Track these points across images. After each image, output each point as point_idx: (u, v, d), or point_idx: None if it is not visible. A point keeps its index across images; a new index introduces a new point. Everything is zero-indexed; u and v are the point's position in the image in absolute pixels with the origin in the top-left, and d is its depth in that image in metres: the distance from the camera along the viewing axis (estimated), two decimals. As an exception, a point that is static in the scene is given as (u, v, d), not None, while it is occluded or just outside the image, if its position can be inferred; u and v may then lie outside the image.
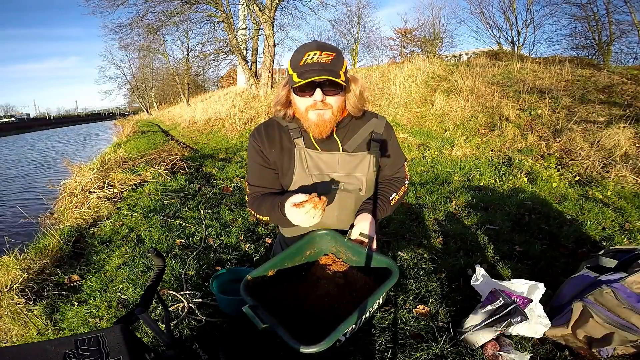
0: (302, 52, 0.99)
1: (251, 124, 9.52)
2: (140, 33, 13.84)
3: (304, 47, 1.00)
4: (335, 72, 0.97)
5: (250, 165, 1.20)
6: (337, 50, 1.01)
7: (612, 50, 11.78)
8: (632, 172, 3.83)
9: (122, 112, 54.17)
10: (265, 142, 1.15)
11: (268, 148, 1.15)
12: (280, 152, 1.15)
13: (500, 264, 2.22)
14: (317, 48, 0.98)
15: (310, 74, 0.95)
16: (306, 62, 0.97)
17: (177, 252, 2.48)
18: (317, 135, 1.09)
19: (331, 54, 0.98)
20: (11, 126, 40.32)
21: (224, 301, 1.70)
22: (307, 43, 1.02)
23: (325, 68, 0.96)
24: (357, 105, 1.11)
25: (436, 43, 20.29)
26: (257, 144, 1.16)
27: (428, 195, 3.63)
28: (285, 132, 1.16)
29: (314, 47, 0.98)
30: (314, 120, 1.05)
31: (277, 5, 11.30)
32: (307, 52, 0.97)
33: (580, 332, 1.41)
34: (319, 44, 1.00)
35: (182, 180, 4.53)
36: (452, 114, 6.80)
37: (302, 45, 1.03)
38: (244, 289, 0.97)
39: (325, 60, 0.97)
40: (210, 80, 34.04)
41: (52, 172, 9.61)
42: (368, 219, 1.10)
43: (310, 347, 0.78)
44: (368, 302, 0.88)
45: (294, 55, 1.02)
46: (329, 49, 0.99)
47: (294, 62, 1.00)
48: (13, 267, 2.46)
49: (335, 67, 0.98)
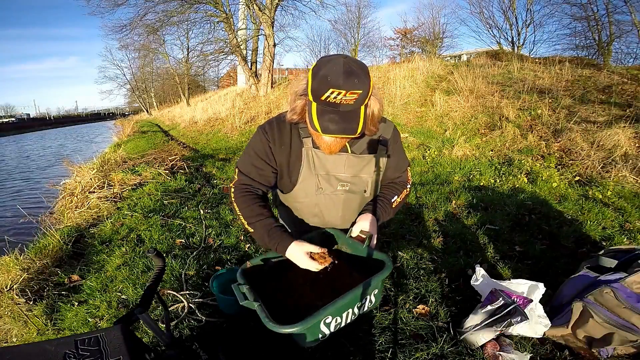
0: (326, 83, 0.88)
1: (251, 124, 9.52)
2: (140, 33, 13.82)
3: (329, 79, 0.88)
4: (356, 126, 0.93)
5: (251, 155, 1.17)
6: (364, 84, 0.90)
7: (612, 50, 11.78)
8: (632, 172, 3.83)
9: (122, 112, 54.20)
10: (276, 139, 1.13)
11: (277, 146, 1.14)
12: (289, 151, 1.14)
13: (500, 264, 2.22)
14: (344, 85, 0.87)
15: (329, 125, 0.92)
16: (328, 100, 0.90)
17: (177, 252, 2.48)
18: (326, 152, 1.09)
19: (356, 92, 0.89)
20: (11, 126, 40.29)
21: (224, 301, 1.70)
22: (333, 67, 0.89)
23: (346, 120, 0.92)
24: (371, 128, 1.08)
25: (436, 43, 20.30)
26: (267, 139, 1.14)
27: (428, 195, 3.63)
28: (295, 129, 1.14)
29: (341, 82, 0.87)
30: (326, 143, 1.05)
31: (277, 5, 11.30)
32: (331, 89, 0.88)
33: (580, 332, 1.41)
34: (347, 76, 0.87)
35: (182, 180, 4.53)
36: (452, 114, 6.80)
37: (328, 68, 0.89)
38: (241, 272, 0.97)
39: (349, 102, 0.90)
40: (210, 80, 34.08)
41: (54, 170, 9.61)
42: (369, 218, 1.12)
43: (286, 327, 0.76)
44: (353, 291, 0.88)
45: (317, 78, 0.90)
46: (356, 86, 0.89)
47: (315, 89, 0.91)
48: (13, 267, 2.46)
49: (357, 106, 0.93)
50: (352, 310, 0.91)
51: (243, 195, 1.15)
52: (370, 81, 0.94)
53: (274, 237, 1.06)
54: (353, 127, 0.94)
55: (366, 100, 0.95)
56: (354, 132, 0.94)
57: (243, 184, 1.17)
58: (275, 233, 1.07)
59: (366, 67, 0.95)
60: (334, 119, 0.92)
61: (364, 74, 0.92)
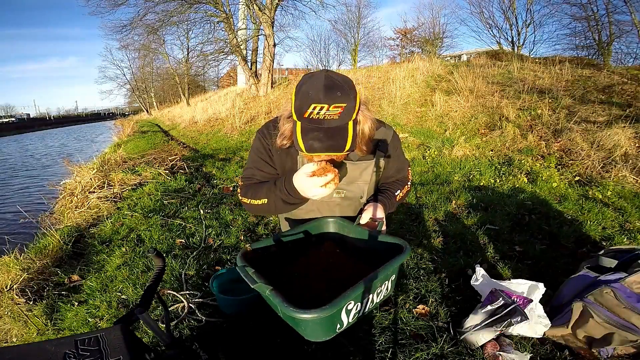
0: (308, 98, 0.86)
1: (251, 124, 9.52)
2: (140, 33, 13.86)
3: (311, 93, 0.86)
4: (343, 140, 0.88)
5: (253, 160, 1.18)
6: (347, 97, 0.87)
7: (612, 50, 11.77)
8: (632, 172, 3.83)
9: (122, 112, 54.21)
10: (273, 143, 1.13)
11: (274, 150, 1.14)
12: (285, 154, 1.14)
13: (500, 264, 2.22)
14: (325, 99, 0.84)
15: (313, 143, 0.87)
16: (311, 117, 0.86)
17: (177, 252, 2.48)
18: None
19: (340, 106, 0.85)
20: (11, 126, 40.30)
21: (224, 301, 1.70)
22: (314, 84, 0.87)
23: (332, 137, 0.87)
24: (362, 147, 1.04)
25: (436, 43, 20.30)
26: (266, 141, 1.14)
27: (428, 195, 3.63)
28: None
29: (322, 96, 0.84)
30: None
31: (277, 5, 11.30)
32: (313, 104, 0.85)
33: (580, 332, 1.41)
34: (327, 91, 0.85)
35: (182, 180, 4.53)
36: (452, 114, 6.80)
37: (309, 84, 0.88)
38: (241, 255, 0.93)
39: (333, 117, 0.86)
40: (210, 80, 34.05)
41: (55, 169, 9.62)
42: (377, 205, 1.11)
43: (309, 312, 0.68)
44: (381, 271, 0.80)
45: (298, 96, 0.88)
46: (339, 99, 0.85)
47: (298, 107, 0.88)
48: (13, 267, 2.46)
49: (344, 121, 0.88)
50: (371, 296, 0.86)
51: (248, 189, 1.16)
52: (357, 95, 0.90)
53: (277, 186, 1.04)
54: (340, 144, 0.88)
55: (354, 115, 0.90)
56: (340, 149, 0.88)
57: (245, 185, 1.19)
58: (276, 183, 1.06)
59: (351, 81, 0.91)
60: (318, 137, 0.87)
61: (348, 87, 0.88)
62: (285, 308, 0.70)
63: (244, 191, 1.17)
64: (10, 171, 10.68)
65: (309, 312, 0.68)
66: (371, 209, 1.10)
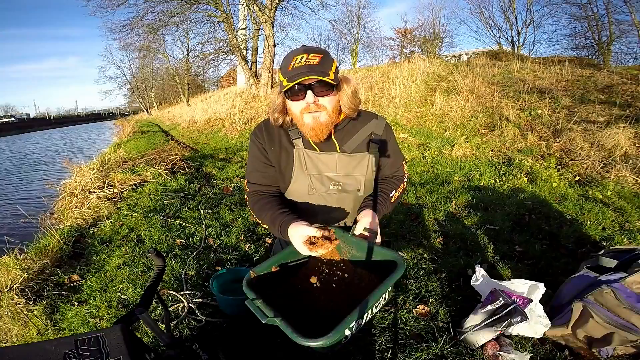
0: (290, 57, 1.00)
1: (251, 124, 9.52)
2: (140, 33, 13.82)
3: (292, 53, 1.02)
4: (324, 72, 0.99)
5: (252, 163, 1.21)
6: (324, 52, 1.02)
7: (612, 50, 11.77)
8: (632, 172, 3.83)
9: (122, 112, 54.16)
10: (266, 140, 1.17)
11: (269, 147, 1.17)
12: (280, 151, 1.16)
13: (500, 264, 2.22)
14: (304, 52, 1.00)
15: (299, 77, 0.97)
16: (294, 66, 0.98)
17: (177, 252, 2.48)
18: (314, 138, 1.10)
19: (318, 55, 0.99)
20: (11, 126, 40.31)
21: (224, 301, 1.70)
22: (294, 49, 1.04)
23: (313, 69, 0.97)
24: (351, 105, 1.10)
25: (436, 43, 20.30)
26: (260, 141, 1.17)
27: (428, 195, 3.63)
28: (285, 131, 1.16)
29: (301, 51, 1.00)
30: (309, 124, 1.05)
31: (277, 5, 11.30)
32: (294, 57, 0.99)
33: (580, 332, 1.41)
34: (306, 47, 1.02)
35: (182, 180, 4.53)
36: (452, 114, 6.80)
37: (289, 52, 1.04)
38: (246, 283, 0.95)
39: (313, 62, 0.98)
40: (210, 80, 34.04)
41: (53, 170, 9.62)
42: (370, 215, 1.11)
43: (316, 340, 0.73)
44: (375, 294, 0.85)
45: (282, 62, 1.04)
46: (316, 51, 1.01)
47: (283, 68, 1.02)
48: (13, 267, 2.46)
49: (323, 67, 0.99)
50: (371, 310, 0.90)
51: (256, 202, 1.18)
52: (334, 61, 1.04)
53: (276, 224, 1.08)
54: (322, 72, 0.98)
55: (333, 67, 1.01)
56: (324, 75, 0.97)
57: (253, 192, 1.21)
58: (277, 219, 1.08)
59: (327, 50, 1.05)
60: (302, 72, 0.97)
61: (324, 50, 1.03)
62: (295, 338, 0.76)
63: (251, 203, 1.20)
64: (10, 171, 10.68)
65: (315, 341, 0.74)
66: (365, 219, 1.09)
